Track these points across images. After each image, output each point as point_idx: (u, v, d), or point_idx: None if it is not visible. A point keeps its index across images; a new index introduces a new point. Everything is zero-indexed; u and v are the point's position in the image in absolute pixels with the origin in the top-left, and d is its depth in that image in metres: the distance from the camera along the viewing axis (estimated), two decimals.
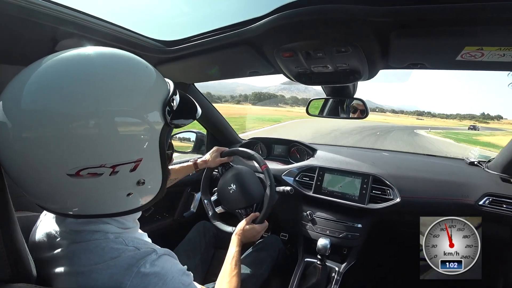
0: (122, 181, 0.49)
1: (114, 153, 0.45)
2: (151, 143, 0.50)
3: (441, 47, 0.75)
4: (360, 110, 1.32)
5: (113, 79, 0.46)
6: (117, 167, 0.46)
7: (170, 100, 0.53)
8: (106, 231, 0.54)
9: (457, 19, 0.61)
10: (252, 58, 1.02)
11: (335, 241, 1.32)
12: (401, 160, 1.52)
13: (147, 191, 0.56)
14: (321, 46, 0.83)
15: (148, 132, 0.49)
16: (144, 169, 0.50)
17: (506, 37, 0.64)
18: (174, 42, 1.09)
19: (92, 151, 0.43)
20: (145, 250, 0.52)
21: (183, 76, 1.40)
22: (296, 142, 1.75)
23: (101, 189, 0.48)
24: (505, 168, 1.27)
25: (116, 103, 0.45)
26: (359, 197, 1.32)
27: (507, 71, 0.85)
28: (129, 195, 0.52)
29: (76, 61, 0.45)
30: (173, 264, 0.56)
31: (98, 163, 0.44)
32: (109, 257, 0.49)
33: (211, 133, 1.91)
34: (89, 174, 0.44)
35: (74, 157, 0.42)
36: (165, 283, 0.50)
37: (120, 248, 0.51)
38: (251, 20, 0.85)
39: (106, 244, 0.51)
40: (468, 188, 1.23)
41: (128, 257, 0.50)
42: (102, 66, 0.46)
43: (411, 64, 0.89)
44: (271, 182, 1.19)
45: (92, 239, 0.51)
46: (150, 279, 0.49)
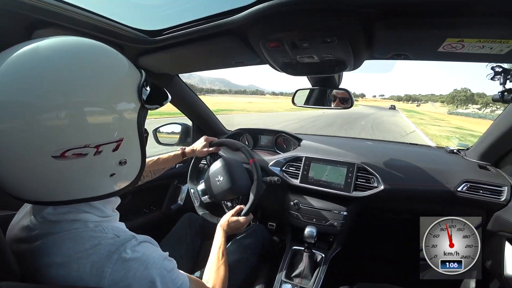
0: (106, 161, 0.51)
1: (97, 133, 0.47)
2: (131, 124, 0.53)
3: (424, 38, 0.76)
4: (345, 100, 1.34)
5: (86, 67, 0.47)
6: (101, 147, 0.48)
7: (143, 84, 0.56)
8: (86, 220, 0.53)
9: (439, 11, 0.62)
10: (238, 48, 1.00)
11: (322, 229, 1.35)
12: (384, 149, 1.56)
13: (129, 172, 0.58)
14: (307, 37, 0.83)
15: (127, 114, 0.52)
16: (125, 148, 0.53)
17: (485, 30, 0.65)
18: (157, 32, 1.05)
19: (76, 132, 0.45)
20: (124, 237, 0.53)
21: (167, 67, 1.36)
22: (283, 132, 1.76)
23: (86, 169, 0.49)
24: (482, 155, 1.33)
25: (92, 90, 0.47)
26: (344, 186, 1.35)
27: (485, 63, 0.88)
28: (112, 176, 0.53)
29: (47, 51, 0.45)
30: (154, 250, 0.56)
31: (83, 144, 0.46)
32: (89, 245, 0.49)
33: (197, 124, 1.88)
34: (74, 155, 0.45)
35: (58, 139, 0.43)
36: (146, 268, 0.51)
37: (99, 236, 0.51)
38: (237, 9, 0.83)
39: (85, 233, 0.51)
40: (448, 175, 1.27)
41: (108, 244, 0.50)
42: (74, 55, 0.47)
43: (395, 54, 0.90)
44: (258, 176, 1.20)
45: (71, 229, 0.51)
46: (131, 264, 0.49)
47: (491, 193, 1.17)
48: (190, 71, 1.44)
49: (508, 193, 1.15)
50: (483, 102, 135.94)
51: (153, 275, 0.51)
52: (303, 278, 1.26)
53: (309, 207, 1.42)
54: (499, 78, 0.90)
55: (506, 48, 0.70)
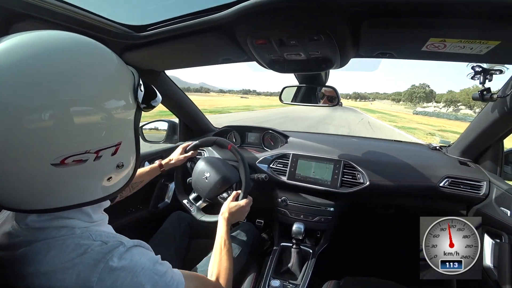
0: (104, 166, 0.50)
1: (98, 138, 0.46)
2: (128, 127, 0.53)
3: (408, 37, 0.77)
4: (332, 98, 1.35)
5: (79, 66, 0.45)
6: (101, 152, 0.47)
7: (138, 85, 0.55)
8: (73, 226, 0.51)
9: (423, 12, 0.64)
10: (225, 45, 0.99)
11: (309, 225, 1.37)
12: (370, 146, 1.59)
13: (124, 174, 0.57)
14: (294, 34, 0.83)
15: (125, 116, 0.51)
16: (122, 152, 0.52)
17: (466, 31, 0.67)
18: (143, 27, 1.02)
19: (77, 138, 0.44)
20: (112, 243, 0.50)
21: (153, 63, 1.34)
22: (270, 129, 1.76)
23: (84, 175, 0.48)
24: (463, 152, 1.37)
25: (88, 90, 0.45)
26: (331, 182, 1.37)
27: (466, 62, 0.90)
28: (109, 180, 0.53)
29: (34, 48, 0.42)
30: (143, 255, 0.54)
31: (84, 150, 0.45)
32: (75, 254, 0.47)
33: (183, 121, 1.86)
34: (74, 161, 0.44)
35: (58, 146, 0.42)
36: (135, 275, 0.49)
37: (86, 243, 0.49)
38: (224, 5, 0.82)
39: (71, 240, 0.48)
40: (431, 171, 1.31)
41: (94, 252, 0.48)
42: (66, 53, 0.45)
43: (380, 53, 0.91)
44: (241, 156, 1.21)
45: (57, 236, 0.49)
46: (118, 273, 0.47)
47: (471, 188, 1.22)
48: (176, 68, 1.42)
49: (486, 188, 1.19)
50: (447, 99, 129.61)
51: (143, 282, 0.50)
52: (291, 274, 1.28)
53: (296, 203, 1.43)
54: (479, 77, 0.93)
55: (485, 48, 0.72)
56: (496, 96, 0.96)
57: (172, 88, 1.59)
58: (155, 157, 1.65)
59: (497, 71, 0.90)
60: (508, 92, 0.93)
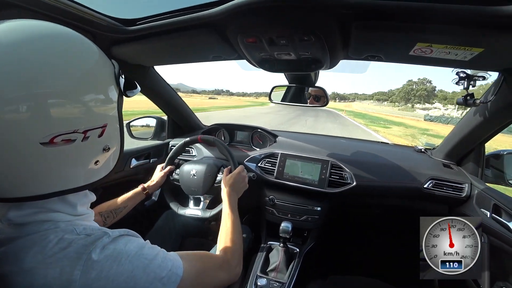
0: (92, 147, 0.51)
1: (85, 118, 0.48)
2: (113, 110, 0.55)
3: (396, 41, 0.79)
4: (320, 98, 1.36)
5: (62, 55, 0.46)
6: (88, 132, 0.48)
7: (119, 74, 0.57)
8: (57, 220, 0.50)
9: (411, 17, 0.65)
10: (215, 42, 0.98)
11: (296, 224, 1.38)
12: (357, 147, 1.61)
13: (110, 159, 0.58)
14: (285, 34, 0.83)
15: (109, 100, 0.53)
16: (108, 134, 0.53)
17: (451, 37, 0.69)
18: (132, 20, 1.00)
19: (65, 117, 0.45)
20: (96, 235, 0.49)
21: (142, 59, 1.31)
22: (259, 128, 1.76)
23: (74, 156, 0.48)
24: (447, 155, 1.41)
25: (79, 77, 0.48)
26: (318, 182, 1.38)
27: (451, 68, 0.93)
28: (96, 163, 0.54)
29: (12, 35, 0.42)
30: (129, 242, 0.52)
31: (72, 129, 0.46)
32: (58, 248, 0.45)
33: (172, 118, 1.84)
34: (63, 140, 0.45)
35: (47, 125, 0.43)
36: (120, 264, 0.48)
37: (69, 238, 0.47)
38: (216, 2, 0.81)
39: (55, 235, 0.47)
40: (415, 172, 1.34)
41: (78, 245, 0.46)
42: (60, 40, 0.47)
43: (369, 56, 0.93)
44: (213, 138, 1.27)
45: (40, 230, 0.47)
46: (102, 264, 0.46)
47: (453, 189, 1.26)
48: (166, 64, 1.40)
49: (468, 189, 1.23)
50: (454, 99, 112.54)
51: (130, 269, 0.48)
52: (278, 272, 1.28)
53: (284, 202, 1.44)
54: (463, 83, 0.95)
55: (469, 55, 0.74)
56: (479, 101, 0.99)
57: (161, 84, 1.57)
58: (142, 154, 1.62)
59: (480, 77, 0.93)
60: (490, 98, 0.96)
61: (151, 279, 0.51)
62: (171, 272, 0.54)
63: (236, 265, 0.79)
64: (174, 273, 0.55)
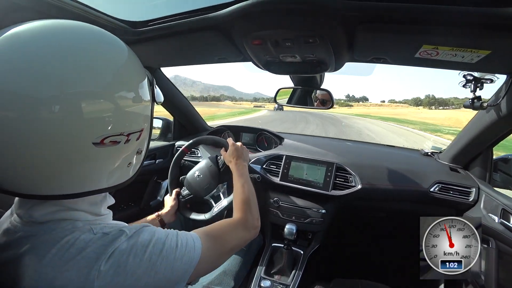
0: (130, 149, 0.54)
1: (130, 122, 0.51)
2: (148, 115, 0.58)
3: (402, 43, 0.79)
4: (326, 101, 1.36)
5: (109, 58, 0.50)
6: (130, 135, 0.51)
7: (153, 80, 0.60)
8: (76, 219, 0.49)
9: (417, 19, 0.65)
10: (221, 44, 0.99)
11: (301, 226, 1.37)
12: (363, 150, 1.61)
13: (139, 161, 0.60)
14: (290, 36, 0.83)
15: (147, 105, 0.56)
16: (143, 138, 0.56)
17: (457, 39, 0.69)
18: (140, 23, 1.02)
19: (115, 121, 0.48)
20: (114, 234, 0.49)
21: (150, 60, 1.33)
22: (264, 130, 1.76)
23: (116, 156, 0.51)
24: (453, 159, 1.39)
25: (125, 82, 0.51)
26: (323, 184, 1.38)
27: (458, 70, 0.92)
28: (129, 165, 0.56)
29: (57, 35, 0.45)
30: (141, 233, 0.52)
31: (119, 132, 0.48)
32: (76, 249, 0.45)
33: (178, 120, 1.86)
34: (111, 142, 0.48)
35: (99, 127, 0.46)
36: (136, 256, 0.48)
37: (87, 238, 0.47)
38: (222, 5, 0.82)
39: (72, 235, 0.46)
40: (422, 176, 1.33)
41: (96, 245, 0.46)
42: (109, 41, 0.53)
43: (375, 58, 0.93)
44: (195, 140, 1.28)
45: (57, 229, 0.47)
46: (117, 260, 0.46)
47: (460, 194, 1.24)
48: (173, 65, 1.42)
49: (475, 194, 1.21)
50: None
51: (148, 257, 0.49)
52: (282, 275, 1.28)
53: (288, 204, 1.44)
54: (470, 86, 0.94)
55: (476, 57, 0.74)
56: (486, 104, 0.97)
57: (168, 86, 1.59)
58: (148, 155, 1.63)
59: (487, 80, 0.91)
60: (498, 101, 0.95)
61: (171, 261, 0.52)
62: (189, 246, 0.56)
63: (254, 220, 0.82)
64: (193, 247, 0.57)
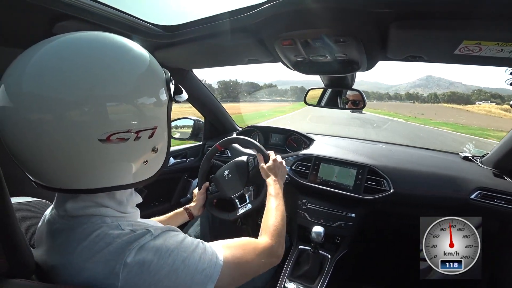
0: (142, 147, 0.54)
1: (138, 119, 0.51)
2: (163, 114, 0.58)
3: (440, 40, 0.75)
4: (357, 101, 1.33)
5: (118, 63, 0.50)
6: (140, 133, 0.52)
7: (170, 79, 0.60)
8: (104, 215, 0.54)
9: (456, 13, 0.61)
10: (251, 46, 1.01)
11: (329, 230, 1.34)
12: (397, 153, 1.54)
13: (157, 160, 0.61)
14: (320, 36, 0.83)
15: (160, 104, 0.57)
16: (157, 136, 0.56)
17: (504, 32, 0.64)
18: (172, 27, 1.07)
19: (121, 118, 0.49)
20: (140, 231, 0.52)
21: (182, 62, 1.39)
22: (294, 131, 1.75)
23: (127, 154, 0.52)
24: (498, 163, 1.29)
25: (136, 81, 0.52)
26: (353, 188, 1.34)
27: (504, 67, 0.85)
28: (145, 163, 0.57)
29: (76, 47, 0.48)
30: (168, 237, 0.54)
31: (126, 128, 0.49)
32: (104, 243, 0.49)
33: (209, 120, 1.91)
34: (118, 139, 0.49)
35: (105, 124, 0.47)
36: (160, 258, 0.50)
37: (114, 233, 0.50)
38: (251, 6, 0.84)
39: (101, 230, 0.50)
40: (461, 182, 1.24)
41: (122, 241, 0.49)
42: (109, 50, 0.51)
43: (410, 56, 0.89)
44: (231, 137, 1.24)
45: (88, 224, 0.51)
46: (143, 259, 0.48)
47: (506, 202, 1.13)
48: (204, 67, 1.47)
49: None
50: None
51: (171, 262, 0.50)
52: (307, 278, 1.26)
53: (317, 207, 1.42)
54: None
55: None
56: None
57: (199, 87, 1.64)
58: (179, 153, 1.70)
59: None
60: None
61: (192, 272, 0.52)
62: (211, 262, 0.56)
63: (279, 247, 0.80)
64: (214, 263, 0.56)
